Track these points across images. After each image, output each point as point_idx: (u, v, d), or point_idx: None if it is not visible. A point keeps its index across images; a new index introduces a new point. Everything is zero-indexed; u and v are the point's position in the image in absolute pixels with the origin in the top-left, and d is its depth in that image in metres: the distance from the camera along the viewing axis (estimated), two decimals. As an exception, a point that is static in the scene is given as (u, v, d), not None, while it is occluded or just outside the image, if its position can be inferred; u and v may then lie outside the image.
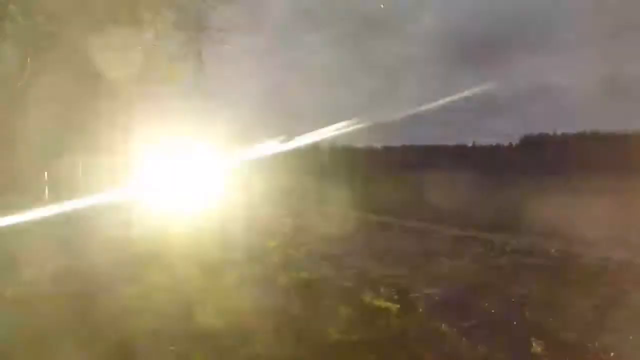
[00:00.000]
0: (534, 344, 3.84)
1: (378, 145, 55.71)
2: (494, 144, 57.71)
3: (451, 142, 58.70)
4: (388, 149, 56.57)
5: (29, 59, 8.84)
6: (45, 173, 9.24)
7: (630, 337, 4.04)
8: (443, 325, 4.30)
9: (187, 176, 14.73)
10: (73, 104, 10.07)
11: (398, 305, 4.83)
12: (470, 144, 58.89)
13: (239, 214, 12.62)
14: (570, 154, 40.67)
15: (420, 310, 4.81)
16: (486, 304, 5.00)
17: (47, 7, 9.06)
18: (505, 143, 57.26)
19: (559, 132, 53.79)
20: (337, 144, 44.79)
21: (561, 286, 5.93)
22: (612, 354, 3.73)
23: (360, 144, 50.61)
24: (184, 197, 13.42)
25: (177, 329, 4.11)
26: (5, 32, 8.98)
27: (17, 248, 7.13)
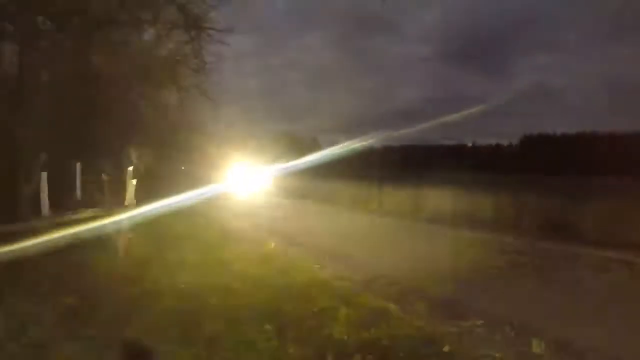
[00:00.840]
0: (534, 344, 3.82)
1: (377, 145, 55.45)
2: (493, 144, 57.56)
3: (451, 142, 58.36)
4: (387, 149, 56.28)
5: (28, 59, 8.82)
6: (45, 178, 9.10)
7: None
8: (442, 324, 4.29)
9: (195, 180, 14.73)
10: (72, 104, 10.04)
11: (397, 306, 4.81)
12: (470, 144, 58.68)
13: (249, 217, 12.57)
14: (570, 154, 40.56)
15: (420, 309, 4.79)
16: (485, 304, 4.99)
17: (46, 7, 9.06)
18: (505, 143, 57.12)
19: (558, 132, 53.67)
20: (336, 144, 44.58)
21: (560, 285, 5.94)
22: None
23: (359, 144, 50.24)
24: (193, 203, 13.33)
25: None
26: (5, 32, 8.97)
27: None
